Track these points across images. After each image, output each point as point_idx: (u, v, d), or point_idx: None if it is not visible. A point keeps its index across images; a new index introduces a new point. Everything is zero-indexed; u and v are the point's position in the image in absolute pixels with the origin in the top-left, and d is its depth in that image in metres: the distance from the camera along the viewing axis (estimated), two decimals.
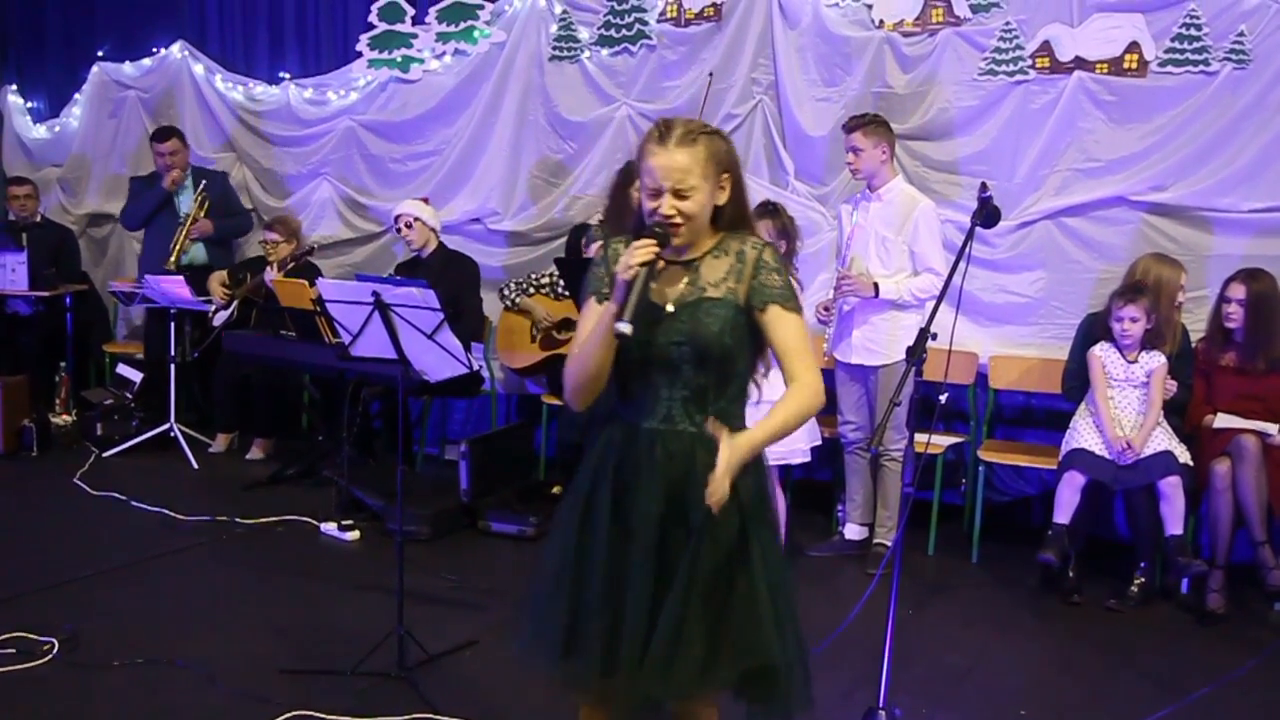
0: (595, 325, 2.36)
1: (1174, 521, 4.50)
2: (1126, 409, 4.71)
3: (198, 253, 7.00)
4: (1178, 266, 4.86)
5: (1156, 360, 4.68)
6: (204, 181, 6.97)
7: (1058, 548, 4.60)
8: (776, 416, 2.32)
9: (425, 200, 6.24)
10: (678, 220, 2.30)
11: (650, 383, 2.36)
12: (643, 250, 2.26)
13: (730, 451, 2.18)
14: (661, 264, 2.31)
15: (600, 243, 5.55)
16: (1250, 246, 5.03)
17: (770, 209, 4.64)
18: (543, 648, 2.44)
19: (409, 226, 6.04)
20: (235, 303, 6.47)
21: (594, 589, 2.37)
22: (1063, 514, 4.64)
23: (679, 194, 2.28)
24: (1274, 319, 4.68)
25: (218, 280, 6.66)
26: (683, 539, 2.32)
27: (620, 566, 2.36)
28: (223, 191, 7.16)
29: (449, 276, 5.80)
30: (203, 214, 6.88)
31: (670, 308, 2.34)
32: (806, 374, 2.35)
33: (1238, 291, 4.68)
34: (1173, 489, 4.48)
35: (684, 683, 2.30)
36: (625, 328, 2.19)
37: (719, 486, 2.16)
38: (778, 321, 2.34)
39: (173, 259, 6.69)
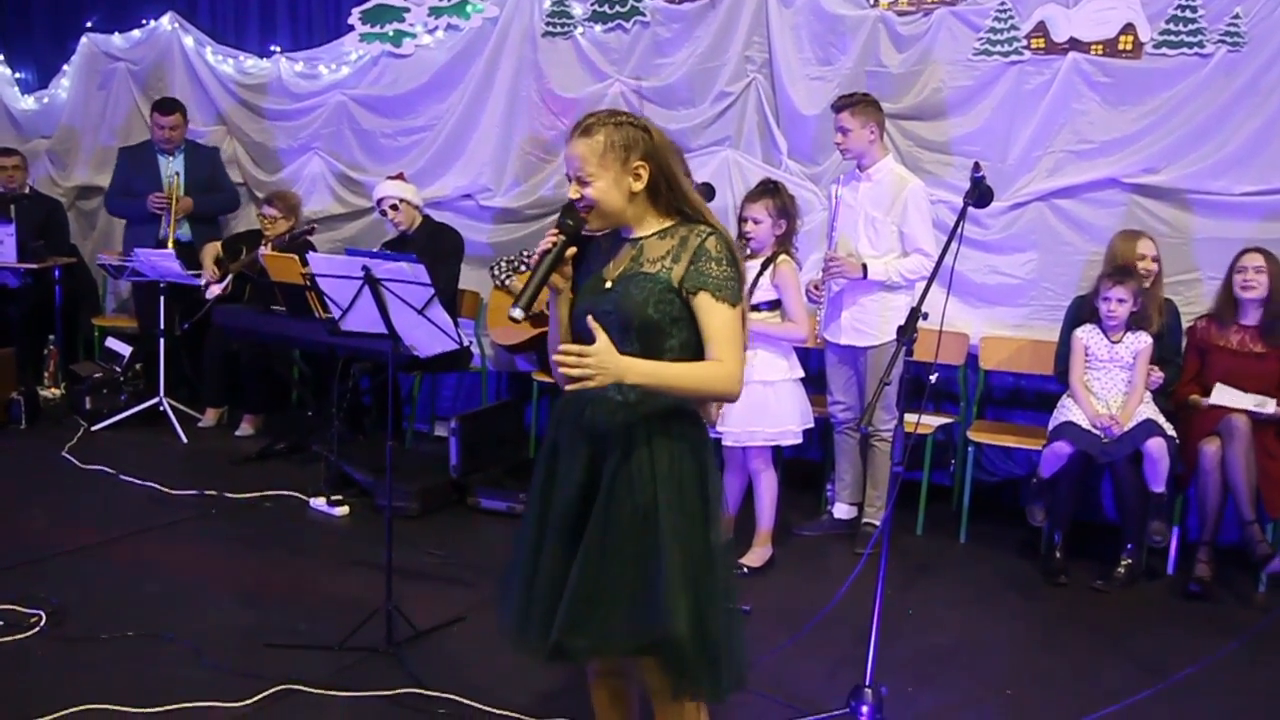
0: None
1: (1157, 480, 4.53)
2: (1112, 390, 4.73)
3: (181, 229, 6.94)
4: (1141, 236, 4.91)
5: (1143, 341, 4.70)
6: (177, 172, 6.90)
7: (1042, 500, 4.72)
8: (679, 368, 2.36)
9: (401, 176, 6.20)
10: (584, 205, 2.41)
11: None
12: (545, 242, 2.42)
13: (609, 352, 2.24)
14: (573, 251, 2.44)
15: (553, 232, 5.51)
16: (1242, 230, 5.02)
17: (770, 187, 4.63)
18: (503, 612, 2.59)
19: (395, 209, 6.00)
20: (229, 277, 6.44)
21: (523, 552, 2.52)
22: (1046, 471, 4.71)
23: (581, 180, 2.40)
24: None
25: (211, 253, 6.63)
26: (601, 504, 2.41)
27: (544, 529, 2.48)
28: (211, 167, 7.13)
29: (430, 248, 5.77)
30: (179, 192, 6.83)
31: (609, 282, 2.45)
32: (729, 360, 2.37)
33: (1255, 260, 4.70)
34: (1158, 450, 4.49)
35: (584, 642, 2.38)
36: (515, 313, 2.34)
37: (578, 360, 2.21)
38: (706, 309, 2.37)
39: (170, 246, 6.64)
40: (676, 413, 2.42)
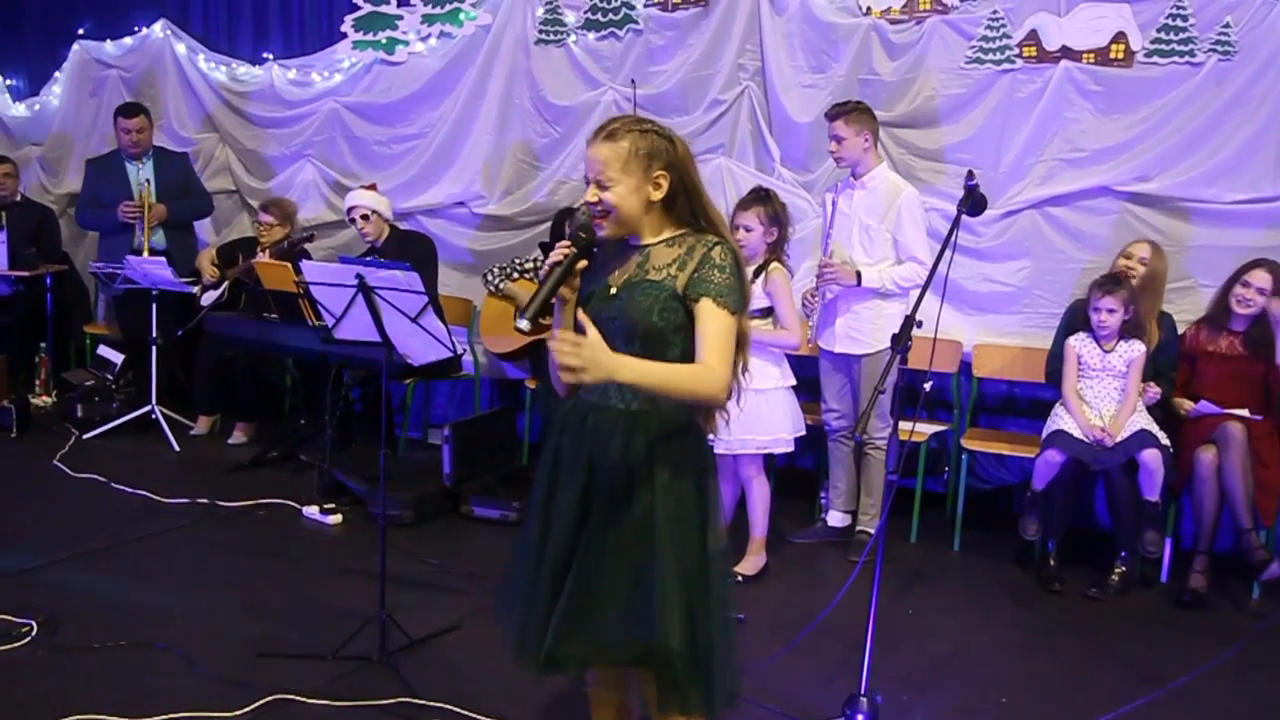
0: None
1: (1151, 488, 4.52)
2: (1105, 399, 4.73)
3: (156, 238, 6.83)
4: (1140, 240, 4.96)
5: (1135, 350, 4.70)
6: (147, 179, 6.81)
7: (1036, 513, 4.72)
8: (668, 368, 2.32)
9: (373, 187, 6.18)
10: (600, 210, 2.40)
11: None
12: (557, 253, 2.40)
13: (600, 346, 2.18)
14: (583, 264, 2.42)
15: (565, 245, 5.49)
16: (1234, 238, 5.04)
17: (762, 195, 4.63)
18: (504, 623, 2.57)
19: (365, 219, 5.99)
20: (226, 284, 6.42)
21: (526, 563, 2.50)
22: (1039, 482, 4.71)
23: (600, 184, 2.39)
24: None
25: (207, 258, 6.61)
26: (599, 513, 2.40)
27: (545, 538, 2.46)
28: (182, 173, 7.05)
29: (401, 259, 5.75)
30: (151, 200, 6.75)
31: (614, 289, 2.44)
32: (715, 362, 2.34)
33: (1261, 280, 4.68)
34: (1154, 461, 4.49)
35: (578, 651, 2.37)
36: (523, 324, 2.31)
37: (573, 347, 2.14)
38: (704, 313, 2.36)
39: (145, 252, 6.60)
40: (678, 422, 2.41)
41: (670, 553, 2.35)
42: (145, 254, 6.52)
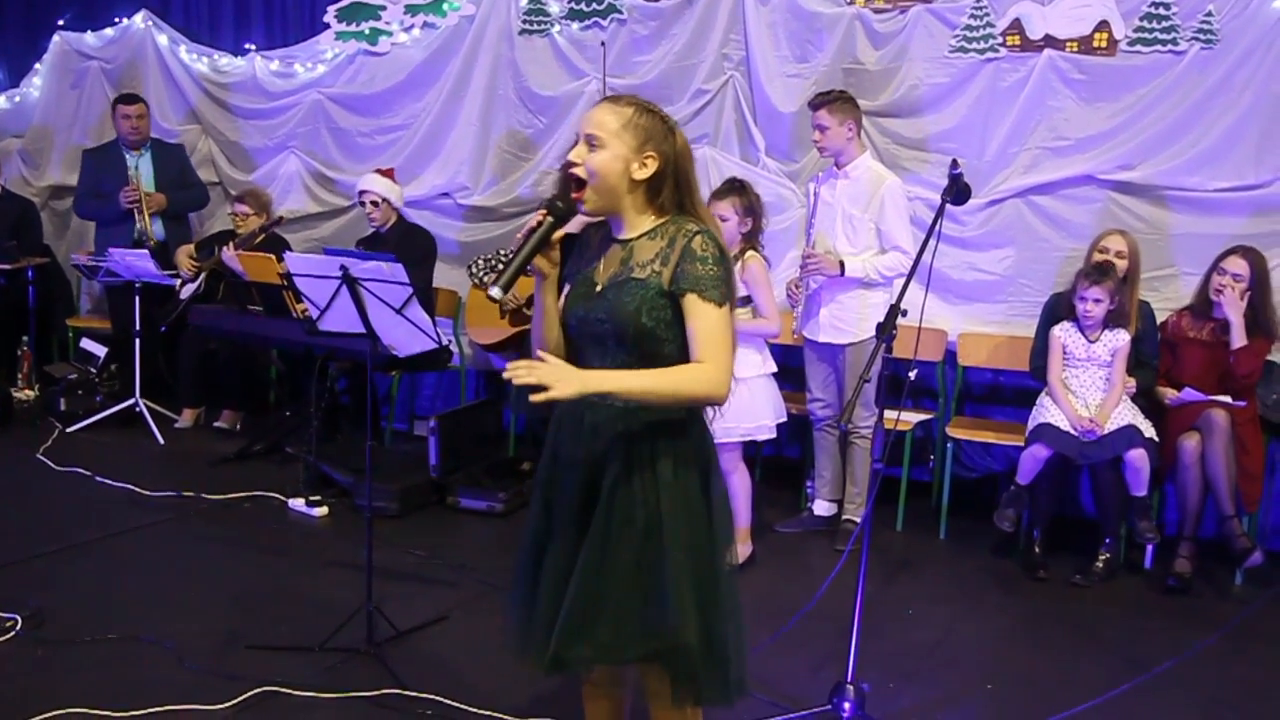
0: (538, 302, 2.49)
1: (1139, 485, 4.55)
2: (1090, 388, 4.75)
3: (155, 229, 6.86)
4: (1113, 232, 4.94)
5: (1120, 339, 4.72)
6: (136, 166, 6.82)
7: (1015, 507, 4.73)
8: (650, 374, 2.30)
9: (390, 172, 6.17)
10: (581, 172, 2.35)
11: (586, 357, 2.43)
12: (531, 220, 2.38)
13: (562, 365, 2.19)
14: (560, 234, 2.39)
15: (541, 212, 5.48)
16: (1217, 225, 5.06)
17: (736, 185, 4.63)
18: (509, 622, 2.55)
19: (375, 205, 5.99)
20: (202, 275, 6.40)
21: (527, 564, 2.49)
22: (1024, 477, 4.72)
23: (590, 142, 2.35)
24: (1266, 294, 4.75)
25: (185, 253, 6.59)
26: (603, 512, 2.37)
27: (546, 539, 2.45)
28: (179, 164, 7.06)
29: (402, 250, 5.76)
30: (148, 187, 6.77)
31: (599, 286, 2.40)
32: (710, 363, 2.30)
33: (1237, 266, 4.70)
34: (1139, 460, 4.51)
35: (586, 651, 2.35)
36: (494, 292, 2.30)
37: (528, 370, 2.15)
38: (692, 310, 2.32)
39: (151, 243, 6.59)
40: (679, 415, 2.38)
41: (680, 550, 2.33)
42: (151, 243, 6.49)
